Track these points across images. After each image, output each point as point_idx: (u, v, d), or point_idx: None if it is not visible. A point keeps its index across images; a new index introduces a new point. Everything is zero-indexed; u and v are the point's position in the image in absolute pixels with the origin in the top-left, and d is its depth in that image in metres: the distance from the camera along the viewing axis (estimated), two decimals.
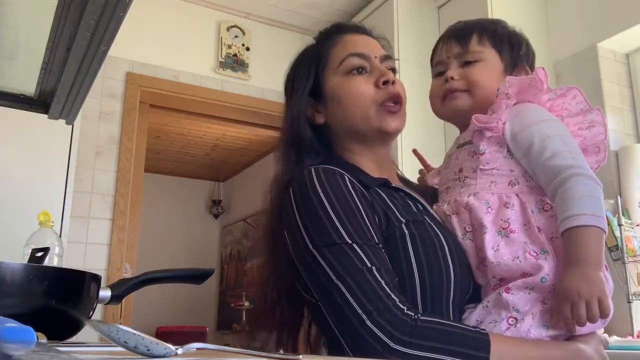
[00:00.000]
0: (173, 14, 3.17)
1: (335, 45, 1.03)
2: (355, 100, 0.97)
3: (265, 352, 0.55)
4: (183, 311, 6.05)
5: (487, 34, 0.97)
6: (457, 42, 0.97)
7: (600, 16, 2.49)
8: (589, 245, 0.77)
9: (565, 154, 0.84)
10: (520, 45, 0.99)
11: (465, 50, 0.96)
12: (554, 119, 0.90)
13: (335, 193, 0.86)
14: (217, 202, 6.61)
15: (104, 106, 2.89)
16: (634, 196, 2.27)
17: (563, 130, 0.88)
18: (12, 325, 0.57)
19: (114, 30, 0.91)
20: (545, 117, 0.89)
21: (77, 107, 1.32)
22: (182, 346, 0.52)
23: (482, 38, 0.97)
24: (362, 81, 0.98)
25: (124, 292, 0.97)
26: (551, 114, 0.91)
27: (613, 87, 2.48)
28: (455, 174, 0.94)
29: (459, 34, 0.98)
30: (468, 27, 0.99)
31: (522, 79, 0.90)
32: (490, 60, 0.96)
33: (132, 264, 2.85)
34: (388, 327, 0.74)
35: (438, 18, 2.93)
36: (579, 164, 0.83)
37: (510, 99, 0.89)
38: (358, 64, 0.99)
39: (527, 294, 0.80)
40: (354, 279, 0.78)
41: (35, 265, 0.85)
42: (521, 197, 0.87)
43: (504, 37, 0.98)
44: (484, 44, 0.96)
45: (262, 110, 3.32)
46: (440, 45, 1.01)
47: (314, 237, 0.84)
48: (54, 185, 2.29)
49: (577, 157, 0.84)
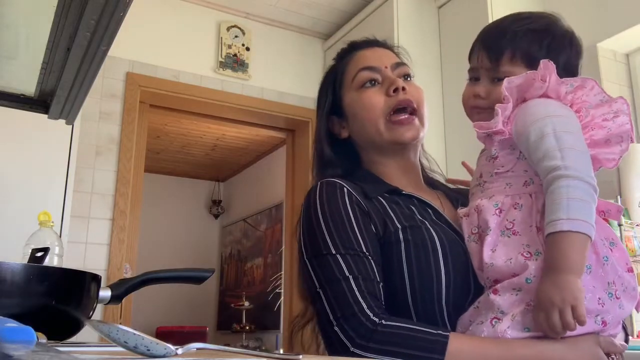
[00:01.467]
0: (173, 14, 3.17)
1: (348, 63, 1.09)
2: (368, 114, 1.02)
3: (265, 352, 0.55)
4: (183, 311, 6.05)
5: (520, 51, 0.91)
6: (487, 57, 0.93)
7: (600, 16, 2.49)
8: (566, 251, 0.76)
9: (555, 154, 0.80)
10: (557, 59, 0.90)
11: (495, 67, 0.92)
12: (557, 113, 0.85)
13: (330, 206, 0.92)
14: (217, 202, 6.61)
15: (104, 106, 2.89)
16: (634, 196, 2.27)
17: (562, 126, 0.83)
18: (12, 325, 0.57)
19: (114, 30, 0.90)
20: (544, 114, 0.84)
21: (77, 107, 1.32)
22: (182, 346, 0.52)
23: (515, 57, 0.91)
24: (374, 93, 1.03)
25: (124, 292, 0.97)
26: (559, 107, 0.87)
27: (613, 87, 2.48)
28: (477, 179, 0.95)
29: (492, 46, 0.93)
30: (501, 39, 0.93)
31: (522, 76, 0.87)
32: None
33: (132, 264, 2.85)
34: (350, 332, 0.82)
35: (438, 18, 2.93)
36: (566, 164, 0.79)
37: (507, 100, 0.87)
38: (369, 77, 1.04)
39: (515, 295, 0.80)
40: (331, 287, 0.86)
41: (35, 265, 0.85)
42: (533, 197, 0.85)
43: (539, 55, 0.90)
44: (516, 64, 0.91)
45: (262, 110, 3.32)
46: (475, 51, 0.97)
47: (308, 248, 0.93)
48: (54, 185, 2.29)
49: (567, 155, 0.80)
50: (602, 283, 0.80)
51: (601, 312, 0.79)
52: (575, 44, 0.96)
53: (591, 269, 0.79)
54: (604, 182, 2.44)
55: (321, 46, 3.59)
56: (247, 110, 3.30)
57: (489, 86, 0.94)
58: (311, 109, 3.46)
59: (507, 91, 0.88)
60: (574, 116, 0.87)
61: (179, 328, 5.77)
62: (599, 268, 0.80)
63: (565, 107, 0.88)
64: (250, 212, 6.00)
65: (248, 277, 5.90)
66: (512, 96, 0.89)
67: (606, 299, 0.79)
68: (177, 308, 6.00)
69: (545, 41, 0.93)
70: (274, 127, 3.60)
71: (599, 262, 0.81)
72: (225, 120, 3.46)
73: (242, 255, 6.12)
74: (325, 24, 3.47)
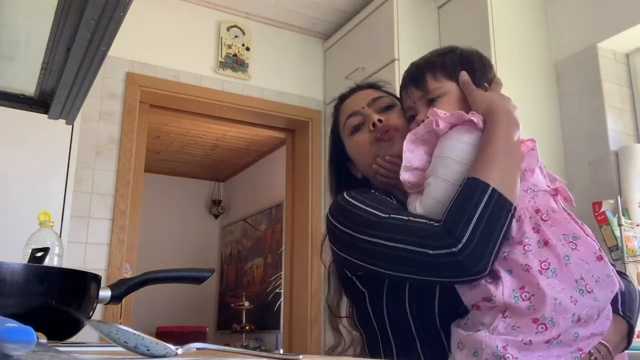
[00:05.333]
0: (173, 14, 3.17)
1: (339, 116, 1.21)
2: (361, 152, 1.14)
3: (265, 352, 0.55)
4: (183, 311, 6.05)
5: (438, 68, 1.03)
6: (415, 87, 1.04)
7: (600, 16, 2.49)
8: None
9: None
10: (472, 67, 1.04)
11: (425, 91, 1.03)
12: (440, 156, 0.95)
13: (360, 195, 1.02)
14: (217, 202, 6.61)
15: (104, 106, 2.89)
16: (634, 196, 2.27)
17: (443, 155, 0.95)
18: (12, 325, 0.57)
19: (114, 30, 0.91)
20: (436, 155, 0.96)
21: (77, 107, 1.32)
22: (182, 346, 0.52)
23: (436, 74, 1.03)
24: (360, 135, 1.13)
25: (124, 292, 0.97)
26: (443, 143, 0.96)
27: (613, 87, 2.48)
28: None
29: (415, 78, 1.05)
30: (420, 69, 1.05)
31: (421, 128, 0.98)
32: (451, 92, 1.02)
33: (132, 264, 2.85)
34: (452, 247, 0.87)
35: (438, 18, 2.93)
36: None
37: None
38: (354, 122, 1.15)
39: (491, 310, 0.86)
40: (404, 227, 0.93)
41: (35, 265, 0.85)
42: None
43: (454, 66, 1.03)
44: (439, 79, 1.02)
45: (262, 110, 3.32)
46: (404, 95, 1.08)
47: (355, 228, 0.98)
48: (54, 185, 2.29)
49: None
50: (569, 282, 0.83)
51: (575, 310, 0.81)
52: (483, 57, 1.07)
53: (555, 271, 0.83)
54: (604, 182, 2.45)
55: (321, 46, 3.59)
56: (247, 110, 3.30)
57: (427, 109, 1.01)
58: (311, 109, 3.47)
59: (412, 143, 0.99)
60: (466, 146, 0.95)
61: (179, 328, 5.77)
62: (562, 269, 0.84)
63: (464, 131, 0.96)
64: (250, 212, 6.00)
65: (248, 277, 5.90)
66: (430, 141, 0.99)
67: (578, 296, 0.82)
68: (177, 308, 6.00)
69: (455, 56, 1.05)
70: (274, 127, 3.60)
71: (561, 263, 0.84)
72: (225, 120, 3.46)
73: (242, 255, 6.12)
74: (325, 24, 3.47)
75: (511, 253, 0.86)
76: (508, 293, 0.83)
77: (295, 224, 3.45)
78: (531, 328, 0.81)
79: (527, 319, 0.81)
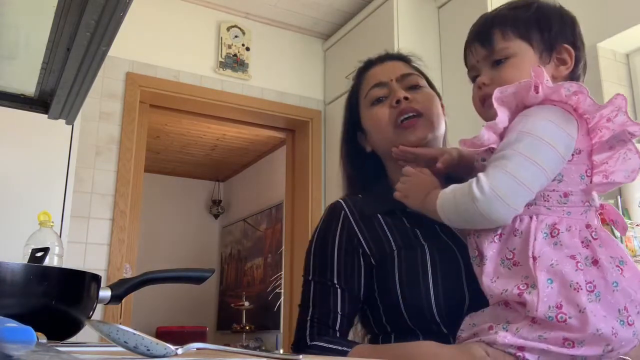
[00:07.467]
0: (173, 14, 3.17)
1: (362, 82, 1.15)
2: (377, 127, 1.09)
3: (265, 352, 0.55)
4: (183, 311, 6.05)
5: (509, 24, 0.89)
6: (481, 45, 0.92)
7: (600, 16, 2.49)
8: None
9: (499, 163, 0.82)
10: (550, 25, 0.89)
11: (491, 51, 0.90)
12: (530, 133, 0.81)
13: (324, 233, 1.05)
14: (217, 202, 6.61)
15: (104, 106, 2.89)
16: (634, 196, 2.27)
17: (529, 150, 0.81)
18: (12, 325, 0.57)
19: (114, 30, 0.90)
20: (525, 130, 0.81)
21: (77, 107, 1.32)
22: (182, 346, 0.52)
23: (505, 32, 0.89)
24: (380, 108, 1.09)
25: (124, 292, 0.97)
26: (551, 124, 0.82)
27: (613, 87, 2.48)
28: None
29: (480, 35, 0.92)
30: (488, 23, 0.92)
31: (514, 86, 0.84)
32: (520, 54, 0.89)
33: (132, 264, 2.85)
34: (292, 347, 1.04)
35: (438, 18, 2.93)
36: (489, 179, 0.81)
37: (496, 114, 0.84)
38: (378, 94, 1.09)
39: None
40: (300, 308, 1.05)
41: (35, 265, 0.85)
42: (533, 219, 0.82)
43: (529, 23, 0.89)
44: (509, 38, 0.89)
45: (262, 110, 3.32)
46: (468, 52, 0.96)
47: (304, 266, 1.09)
48: (54, 185, 2.29)
49: (495, 174, 0.81)
50: (612, 311, 0.76)
51: (612, 342, 0.75)
52: (565, 15, 0.93)
53: (599, 296, 0.76)
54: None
55: (321, 46, 3.59)
56: (247, 110, 3.30)
57: (490, 72, 0.91)
58: (311, 108, 3.47)
59: (499, 101, 0.84)
60: (564, 135, 0.82)
61: (179, 328, 5.77)
62: (607, 295, 0.76)
63: (563, 117, 0.83)
64: (250, 212, 6.00)
65: (248, 277, 5.90)
66: (509, 104, 0.85)
67: (618, 327, 0.75)
68: (177, 308, 6.00)
69: (531, 11, 0.91)
70: (274, 127, 3.60)
71: (608, 289, 0.77)
72: (226, 120, 3.46)
73: (242, 255, 6.12)
74: (325, 24, 3.47)
75: (560, 264, 0.77)
76: (543, 310, 0.75)
77: (295, 224, 3.45)
78: (558, 341, 0.75)
79: (558, 334, 0.75)
